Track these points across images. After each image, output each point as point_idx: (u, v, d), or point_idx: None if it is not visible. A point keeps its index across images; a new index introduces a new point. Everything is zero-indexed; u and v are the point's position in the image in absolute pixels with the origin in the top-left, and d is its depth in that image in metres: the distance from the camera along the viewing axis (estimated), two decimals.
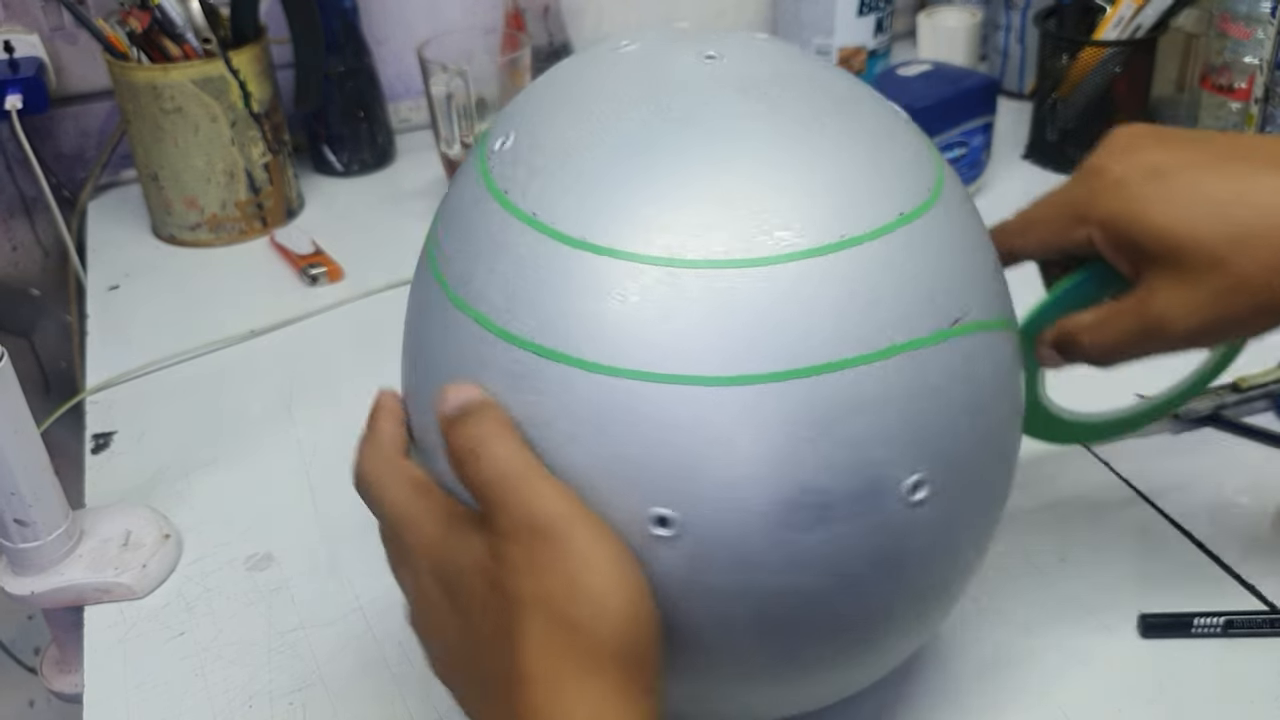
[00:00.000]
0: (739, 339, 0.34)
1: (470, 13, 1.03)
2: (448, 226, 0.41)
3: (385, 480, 0.38)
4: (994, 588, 0.53)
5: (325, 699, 0.50)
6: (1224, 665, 0.49)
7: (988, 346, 0.38)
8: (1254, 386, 0.63)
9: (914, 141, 0.40)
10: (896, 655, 0.43)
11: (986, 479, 0.40)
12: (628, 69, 0.40)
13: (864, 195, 0.36)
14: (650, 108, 0.38)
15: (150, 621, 0.55)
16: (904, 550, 0.37)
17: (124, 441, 0.68)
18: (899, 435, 0.35)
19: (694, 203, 0.36)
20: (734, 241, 0.35)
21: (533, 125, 0.40)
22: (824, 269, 0.35)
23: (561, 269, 0.36)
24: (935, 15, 1.04)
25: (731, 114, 0.38)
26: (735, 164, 0.36)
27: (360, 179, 0.98)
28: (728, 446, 0.34)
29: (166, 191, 0.87)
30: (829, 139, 0.38)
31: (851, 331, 0.35)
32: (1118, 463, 0.60)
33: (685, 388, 0.34)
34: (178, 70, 0.82)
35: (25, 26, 0.91)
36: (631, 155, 0.37)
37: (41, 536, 0.54)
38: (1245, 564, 0.53)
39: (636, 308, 0.35)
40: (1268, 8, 0.81)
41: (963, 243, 0.38)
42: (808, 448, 0.34)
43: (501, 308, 0.37)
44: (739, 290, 0.34)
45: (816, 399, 0.34)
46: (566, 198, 0.37)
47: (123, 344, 0.77)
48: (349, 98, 0.95)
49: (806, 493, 0.35)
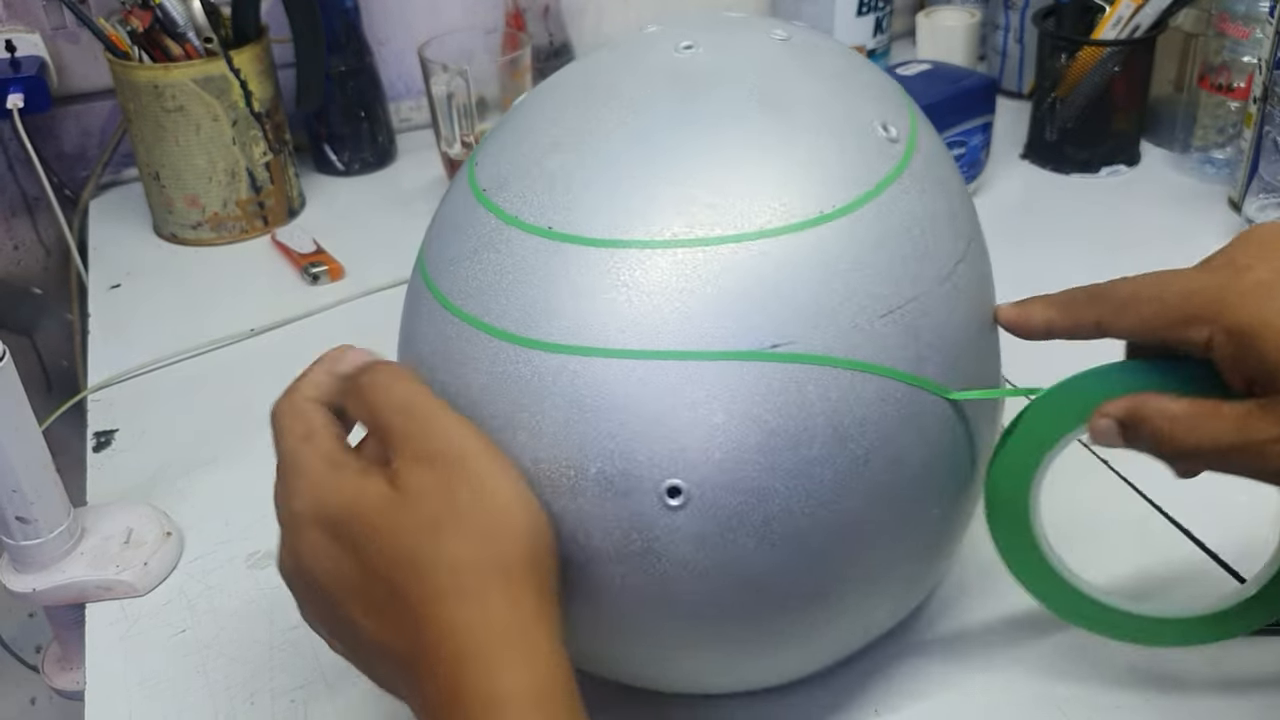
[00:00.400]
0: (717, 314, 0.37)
1: (471, 13, 1.03)
2: (437, 226, 0.44)
3: (286, 422, 0.39)
4: (993, 585, 0.53)
5: (327, 696, 0.50)
6: (1223, 664, 0.49)
7: (819, 382, 0.38)
8: None
9: (839, 143, 0.41)
10: (842, 630, 0.44)
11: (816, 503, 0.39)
12: (609, 67, 0.44)
13: (739, 202, 0.39)
14: (620, 101, 0.41)
15: (152, 619, 0.55)
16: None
17: (125, 439, 0.68)
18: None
19: (647, 190, 0.39)
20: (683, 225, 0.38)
21: (512, 126, 0.43)
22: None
23: (540, 262, 0.38)
24: (934, 15, 1.04)
25: (680, 105, 0.41)
26: (679, 154, 0.39)
27: (361, 178, 0.98)
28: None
29: (168, 190, 0.87)
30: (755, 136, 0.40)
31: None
32: (1117, 462, 0.60)
33: (664, 363, 0.37)
34: (179, 69, 0.82)
35: (27, 26, 0.91)
36: (599, 149, 0.40)
37: (43, 534, 0.55)
38: (1245, 562, 0.54)
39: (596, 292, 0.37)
40: (1266, 7, 0.81)
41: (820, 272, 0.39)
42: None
43: (482, 304, 0.39)
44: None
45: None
46: (544, 194, 0.40)
47: (124, 342, 0.77)
48: (350, 97, 0.95)
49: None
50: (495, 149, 0.43)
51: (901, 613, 0.47)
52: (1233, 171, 0.86)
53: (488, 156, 0.43)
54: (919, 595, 0.48)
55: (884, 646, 0.49)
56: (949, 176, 0.44)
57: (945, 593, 0.53)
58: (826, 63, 0.44)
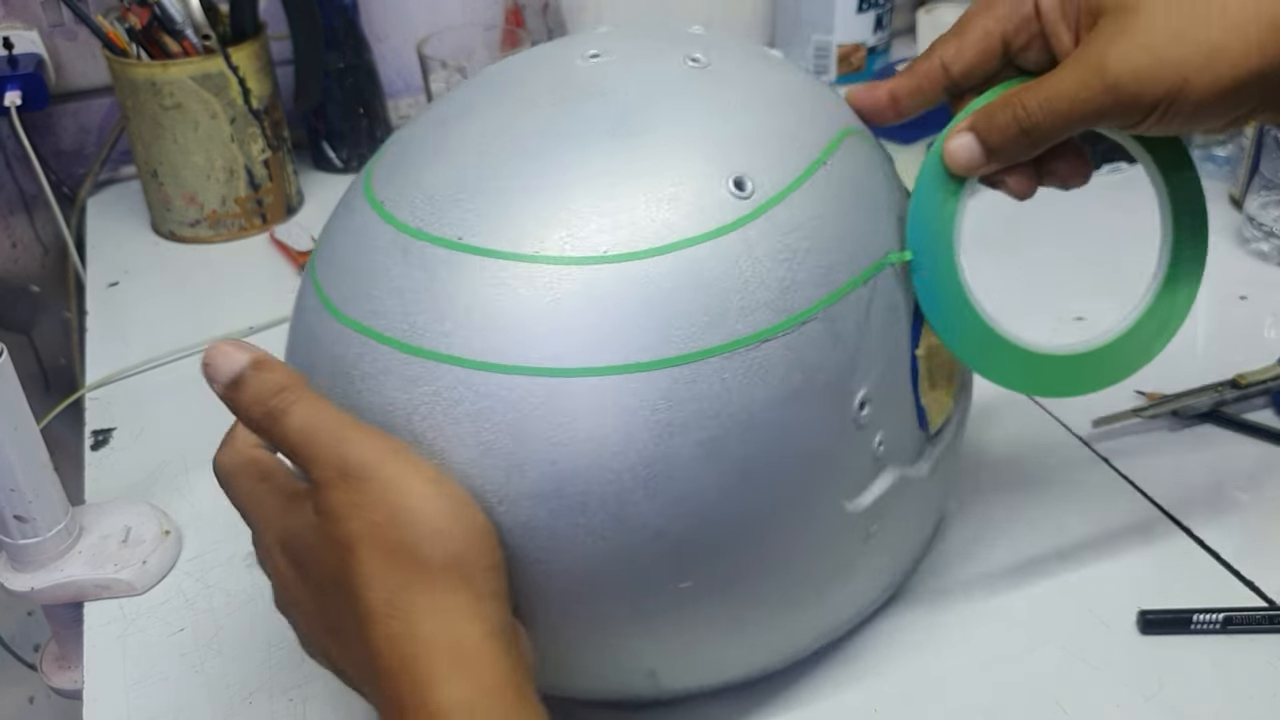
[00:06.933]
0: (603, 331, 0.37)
1: (470, 9, 1.03)
2: (328, 235, 0.45)
3: (233, 470, 0.40)
4: (992, 584, 0.53)
5: (325, 695, 0.50)
6: (1223, 662, 0.49)
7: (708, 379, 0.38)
8: (1253, 383, 0.63)
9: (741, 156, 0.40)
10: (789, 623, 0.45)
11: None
12: (516, 69, 0.44)
13: (643, 212, 0.38)
14: (520, 108, 0.41)
15: (150, 618, 0.55)
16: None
17: (123, 438, 0.68)
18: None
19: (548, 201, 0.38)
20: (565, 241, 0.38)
21: (409, 137, 0.44)
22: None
23: (437, 271, 0.38)
24: (934, 11, 1.04)
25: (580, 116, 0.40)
26: (526, 168, 0.39)
27: None
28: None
29: (166, 188, 0.87)
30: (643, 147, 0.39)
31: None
32: (1117, 459, 0.60)
33: (567, 380, 0.37)
34: (177, 67, 0.82)
35: (24, 23, 0.91)
36: (466, 157, 0.40)
37: (41, 533, 0.55)
38: (1244, 560, 0.53)
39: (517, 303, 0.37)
40: None
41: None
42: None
43: (372, 310, 0.39)
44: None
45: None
46: (438, 203, 0.40)
47: (122, 340, 0.77)
48: (349, 94, 0.95)
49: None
50: (397, 151, 0.44)
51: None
52: (1234, 168, 0.86)
53: (383, 160, 0.44)
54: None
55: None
56: (822, 246, 0.40)
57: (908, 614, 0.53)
58: (731, 98, 0.42)
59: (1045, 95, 0.40)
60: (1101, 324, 0.47)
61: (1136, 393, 0.63)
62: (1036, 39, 0.43)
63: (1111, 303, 0.46)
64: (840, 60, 1.05)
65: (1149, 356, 0.48)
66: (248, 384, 0.37)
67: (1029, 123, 0.41)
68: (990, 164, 0.43)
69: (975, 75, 0.44)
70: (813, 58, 1.06)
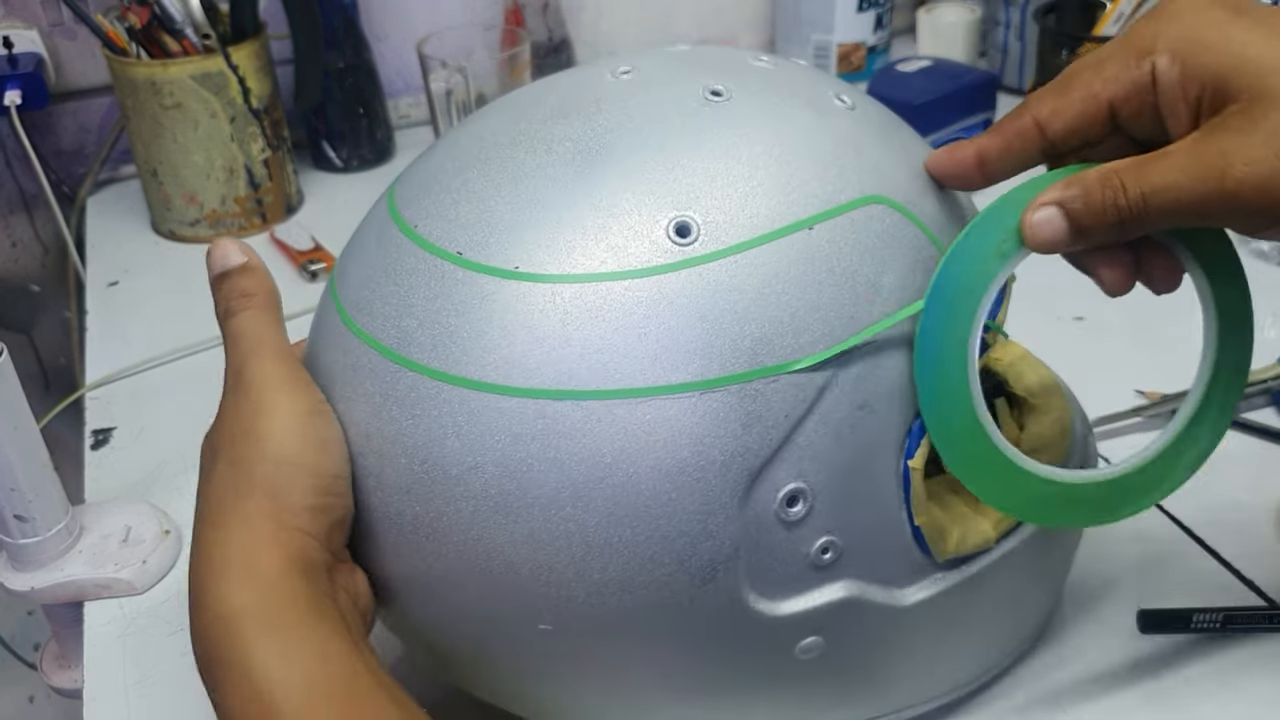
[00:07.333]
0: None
1: (470, 9, 1.03)
2: (350, 251, 0.45)
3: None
4: None
5: None
6: (1223, 661, 0.49)
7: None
8: (1254, 383, 0.63)
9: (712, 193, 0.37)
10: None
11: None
12: (556, 84, 0.43)
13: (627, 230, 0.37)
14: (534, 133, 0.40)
15: (150, 617, 0.55)
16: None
17: (123, 437, 0.68)
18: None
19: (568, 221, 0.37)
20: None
21: (435, 154, 0.43)
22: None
23: (455, 292, 0.38)
24: (935, 11, 1.04)
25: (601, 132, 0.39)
26: (520, 181, 0.38)
27: (360, 175, 0.98)
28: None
29: (166, 187, 0.87)
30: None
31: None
32: (1116, 458, 0.60)
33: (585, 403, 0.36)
34: (177, 66, 0.82)
35: (24, 22, 0.91)
36: (516, 181, 0.39)
37: (41, 532, 0.55)
38: (1244, 559, 0.53)
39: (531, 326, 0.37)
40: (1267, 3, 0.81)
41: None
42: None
43: (395, 333, 0.39)
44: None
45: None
46: (458, 221, 0.39)
47: (122, 340, 0.77)
48: (349, 94, 0.95)
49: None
50: (422, 164, 0.43)
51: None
52: None
53: (412, 170, 0.44)
54: None
55: None
56: (764, 316, 0.36)
57: None
58: (721, 138, 0.38)
59: (1152, 184, 0.36)
60: (1101, 324, 0.46)
61: (1136, 392, 0.63)
62: (1149, 109, 0.37)
63: (1112, 303, 0.46)
64: (840, 59, 1.05)
65: (1178, 481, 0.44)
66: (227, 279, 0.43)
67: (1126, 209, 0.36)
68: (1075, 245, 0.38)
69: (1075, 138, 0.39)
70: (813, 57, 1.06)
